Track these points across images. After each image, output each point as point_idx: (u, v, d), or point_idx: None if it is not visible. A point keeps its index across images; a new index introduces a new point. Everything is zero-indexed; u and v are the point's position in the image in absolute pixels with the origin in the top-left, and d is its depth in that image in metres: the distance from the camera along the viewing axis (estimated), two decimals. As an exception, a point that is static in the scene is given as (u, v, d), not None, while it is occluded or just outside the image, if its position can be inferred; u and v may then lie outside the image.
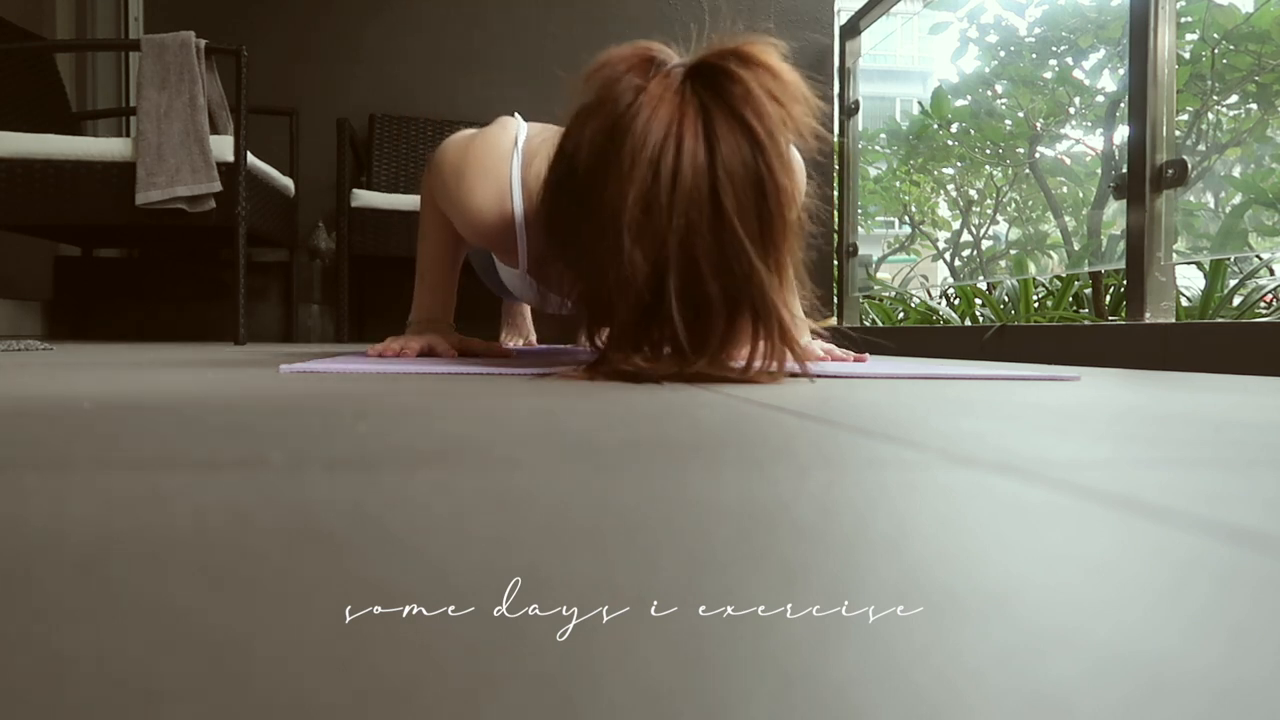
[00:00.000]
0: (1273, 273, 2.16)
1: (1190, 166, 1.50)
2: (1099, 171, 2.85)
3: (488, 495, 0.24)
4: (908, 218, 3.88)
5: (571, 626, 0.13)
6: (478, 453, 0.32)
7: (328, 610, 0.14)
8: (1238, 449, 0.36)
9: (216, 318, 2.56)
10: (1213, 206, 2.21)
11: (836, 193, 2.90)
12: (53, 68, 2.30)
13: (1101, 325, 1.62)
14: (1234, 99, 2.27)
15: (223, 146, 1.90)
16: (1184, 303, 2.05)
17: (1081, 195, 2.99)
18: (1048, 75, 2.96)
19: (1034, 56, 2.99)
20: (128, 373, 0.77)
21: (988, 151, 3.23)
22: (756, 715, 0.10)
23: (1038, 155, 3.06)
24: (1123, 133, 2.34)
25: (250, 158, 1.96)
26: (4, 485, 0.25)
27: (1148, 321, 1.51)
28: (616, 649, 0.13)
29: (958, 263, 3.65)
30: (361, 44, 2.74)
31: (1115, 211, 2.46)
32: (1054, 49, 2.92)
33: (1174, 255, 1.55)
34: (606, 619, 0.14)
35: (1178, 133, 1.69)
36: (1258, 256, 2.15)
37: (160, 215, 1.87)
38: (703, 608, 0.15)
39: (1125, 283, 1.64)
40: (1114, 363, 1.50)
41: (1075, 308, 2.40)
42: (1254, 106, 2.26)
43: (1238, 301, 2.05)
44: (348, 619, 0.14)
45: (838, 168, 2.88)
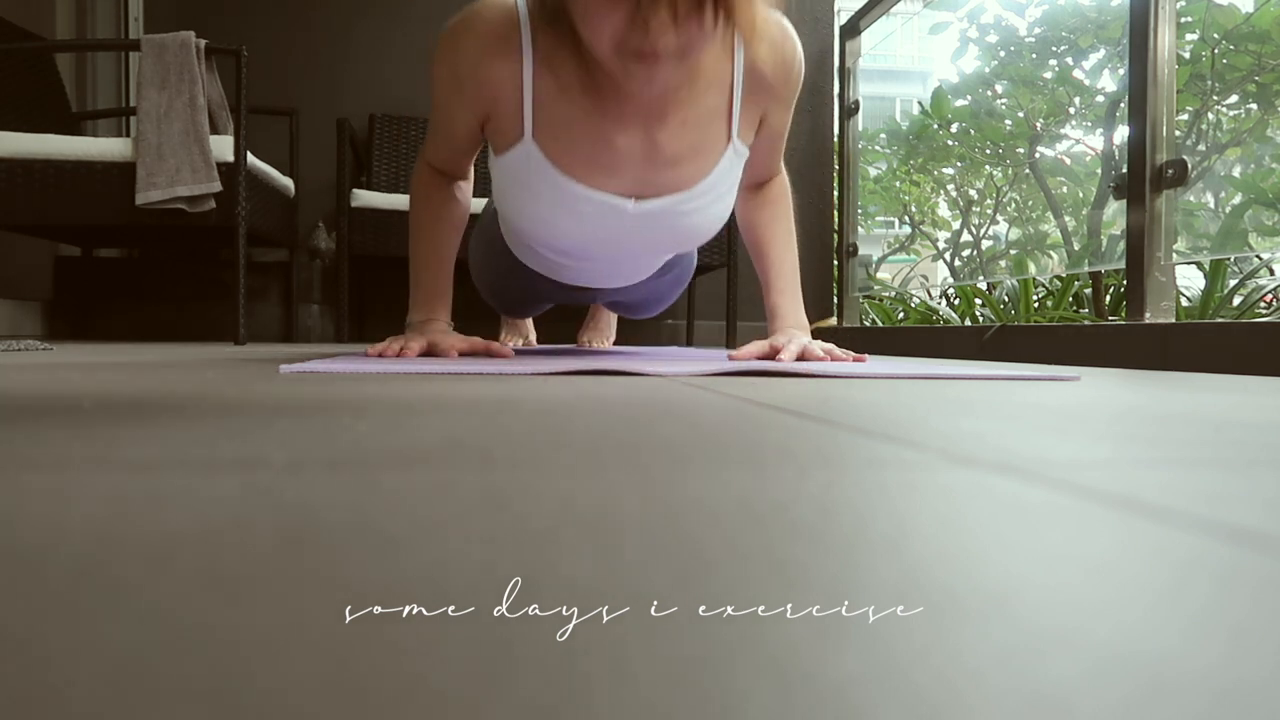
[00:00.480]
0: (1273, 273, 2.16)
1: (1190, 166, 1.50)
2: (1099, 171, 2.85)
3: (488, 495, 0.24)
4: (908, 218, 3.88)
5: (571, 627, 0.14)
6: (478, 453, 0.32)
7: (327, 610, 0.14)
8: (1238, 449, 0.36)
9: (216, 318, 2.56)
10: (1213, 206, 2.21)
11: (836, 193, 2.90)
12: (53, 68, 2.30)
13: (1101, 325, 1.62)
14: (1234, 99, 2.27)
15: (223, 146, 1.90)
16: (1184, 303, 2.05)
17: (1081, 195, 2.99)
18: (1048, 75, 2.96)
19: (1034, 56, 2.99)
20: (128, 373, 0.77)
21: (988, 151, 3.23)
22: (756, 715, 0.10)
23: (1038, 155, 3.06)
24: (1123, 133, 2.34)
25: (250, 158, 1.96)
26: (4, 485, 0.25)
27: (1148, 321, 1.51)
28: (616, 649, 0.13)
29: (958, 263, 3.66)
30: (361, 44, 2.74)
31: (1115, 211, 2.46)
32: (1054, 49, 2.92)
33: (1174, 255, 1.55)
34: (606, 619, 0.14)
35: (1178, 133, 1.69)
36: (1258, 256, 2.15)
37: (160, 215, 1.87)
38: (703, 608, 0.15)
39: (1125, 283, 1.64)
40: (1114, 363, 1.50)
41: (1075, 308, 2.40)
42: (1254, 106, 2.26)
43: (1238, 301, 2.05)
44: (347, 619, 0.14)
45: (838, 168, 2.88)
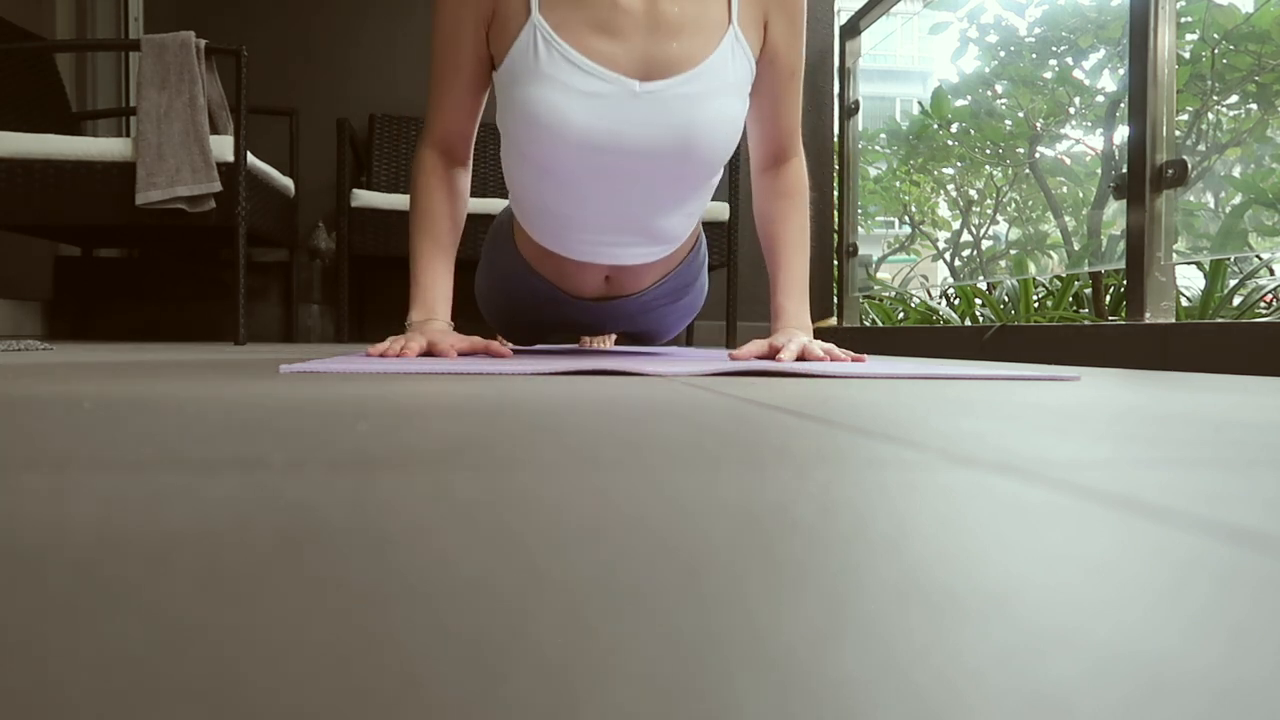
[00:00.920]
0: (1273, 273, 2.16)
1: (1190, 166, 1.50)
2: (1099, 171, 2.85)
3: (488, 495, 0.24)
4: (908, 218, 3.88)
5: (571, 627, 0.14)
6: (478, 452, 0.32)
7: (328, 610, 0.14)
8: (1238, 449, 0.36)
9: (216, 318, 2.56)
10: (1213, 206, 2.21)
11: (836, 193, 2.90)
12: (53, 68, 2.30)
13: (1101, 325, 1.62)
14: (1234, 99, 2.27)
15: (223, 146, 1.90)
16: (1184, 303, 2.05)
17: (1081, 195, 2.99)
18: (1048, 75, 2.96)
19: (1034, 56, 2.99)
20: (127, 372, 0.77)
21: (988, 151, 3.23)
22: (756, 715, 0.10)
23: (1038, 155, 3.06)
24: (1123, 133, 2.34)
25: (250, 158, 1.96)
26: (4, 485, 0.25)
27: (1148, 321, 1.51)
28: (616, 649, 0.13)
29: (958, 263, 3.66)
30: (361, 44, 2.74)
31: (1115, 211, 2.46)
32: (1054, 49, 2.92)
33: (1174, 255, 1.55)
34: (606, 619, 0.14)
35: (1178, 133, 1.69)
36: (1258, 256, 2.15)
37: (160, 215, 1.87)
38: (703, 608, 0.15)
39: (1125, 283, 1.64)
40: (1114, 363, 1.50)
41: (1075, 308, 2.40)
42: (1254, 106, 2.26)
43: (1238, 301, 2.05)
44: (347, 619, 0.14)
45: (838, 168, 2.88)
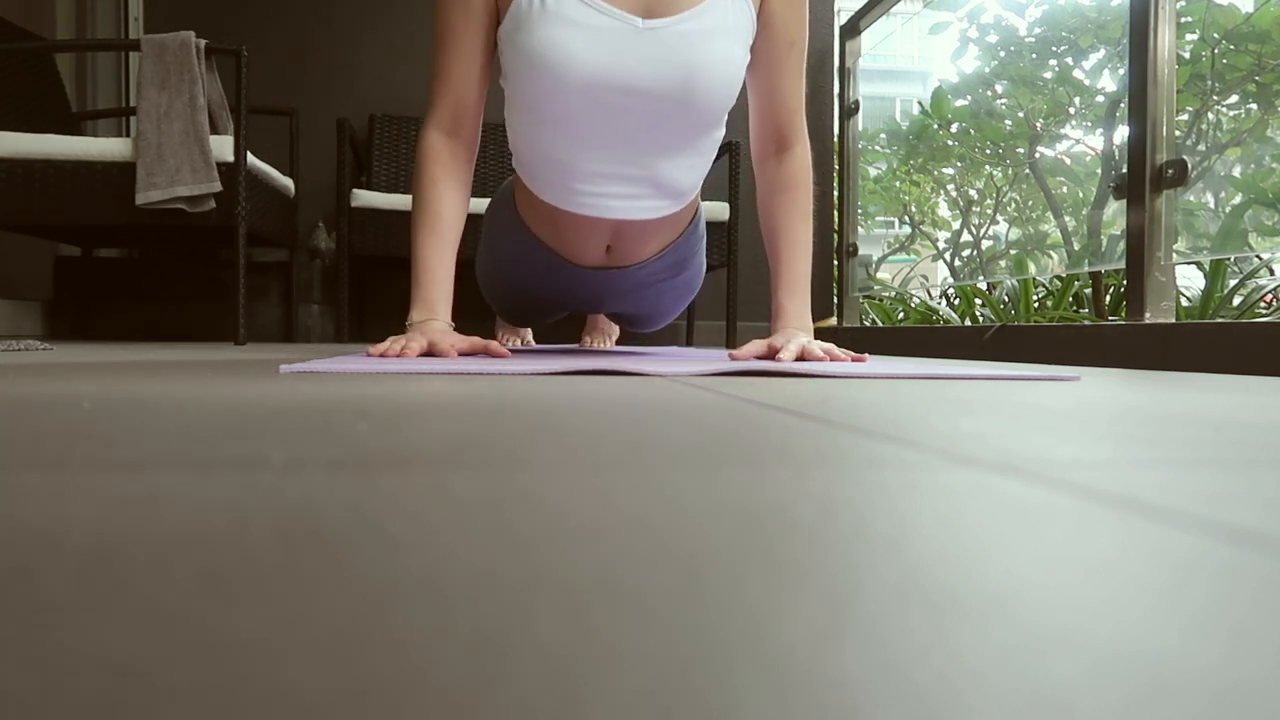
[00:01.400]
0: (1273, 273, 2.16)
1: (1190, 166, 1.50)
2: (1099, 171, 2.85)
3: (487, 495, 0.24)
4: (908, 218, 3.88)
5: (572, 627, 0.14)
6: (478, 453, 0.32)
7: (327, 610, 0.14)
8: (1238, 449, 0.36)
9: (216, 318, 2.56)
10: (1213, 206, 2.21)
11: (836, 193, 2.90)
12: (53, 68, 2.30)
13: (1101, 325, 1.62)
14: (1234, 99, 2.27)
15: (223, 146, 1.90)
16: (1184, 303, 2.05)
17: (1081, 195, 2.99)
18: (1048, 75, 2.96)
19: (1034, 56, 2.99)
20: (127, 373, 0.77)
21: (988, 151, 3.23)
22: (756, 715, 0.10)
23: (1038, 155, 3.06)
24: (1123, 133, 2.34)
25: (250, 158, 1.96)
26: (4, 485, 0.25)
27: (1148, 321, 1.51)
28: (616, 649, 0.13)
29: (958, 263, 3.66)
30: (361, 44, 2.74)
31: (1115, 211, 2.46)
32: (1054, 49, 2.92)
33: (1174, 255, 1.55)
34: (606, 619, 0.14)
35: (1178, 133, 1.69)
36: (1258, 256, 2.15)
37: (160, 215, 1.87)
38: (703, 607, 0.15)
39: (1125, 283, 1.64)
40: (1114, 363, 1.50)
41: (1075, 308, 2.40)
42: (1254, 106, 2.26)
43: (1238, 301, 2.05)
44: (347, 619, 0.14)
45: (838, 168, 2.88)
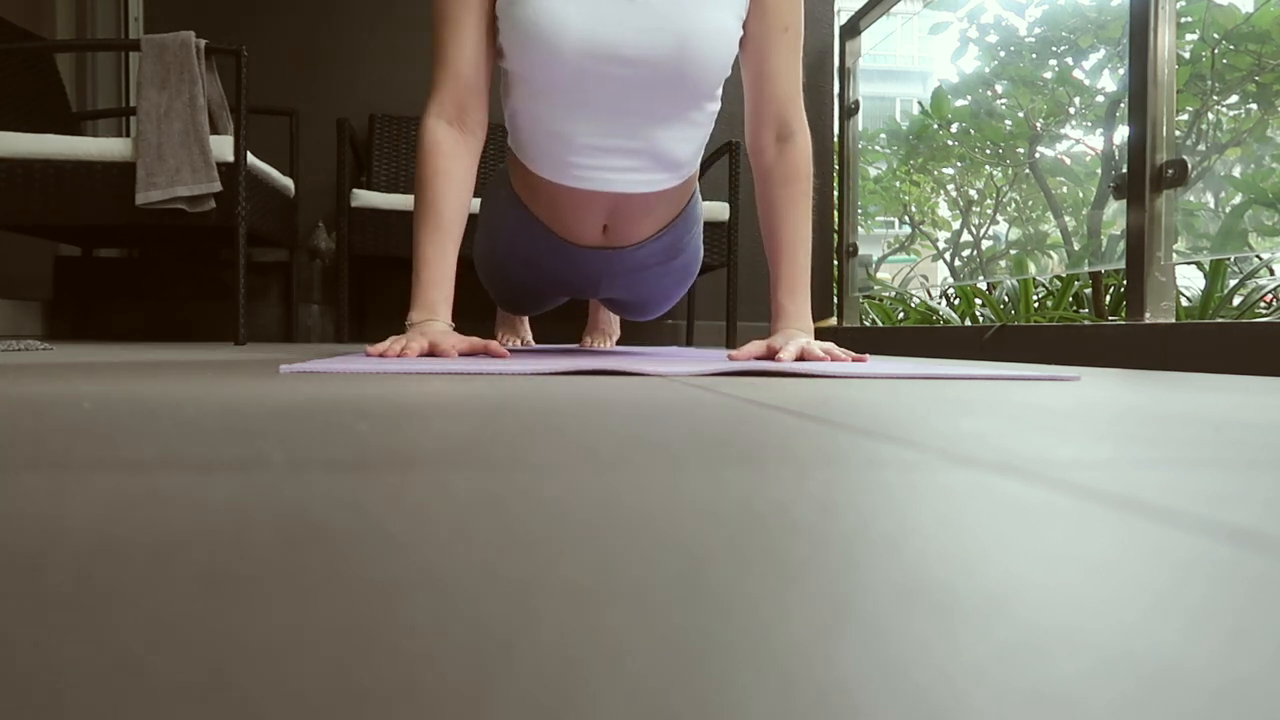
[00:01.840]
0: (1273, 273, 2.16)
1: (1190, 166, 1.50)
2: (1099, 171, 2.85)
3: (487, 495, 0.24)
4: (908, 218, 3.88)
5: (572, 627, 0.13)
6: (478, 453, 0.32)
7: (328, 610, 0.14)
8: (1238, 449, 0.36)
9: (216, 318, 2.56)
10: (1213, 206, 2.21)
11: (836, 193, 2.90)
12: (53, 68, 2.30)
13: (1101, 325, 1.62)
14: (1234, 99, 2.27)
15: (223, 146, 1.90)
16: (1184, 303, 2.05)
17: (1081, 195, 2.99)
18: (1048, 75, 2.96)
19: (1034, 56, 2.99)
20: (127, 373, 0.77)
21: (988, 151, 3.23)
22: (756, 715, 0.10)
23: (1038, 155, 3.06)
24: (1123, 133, 2.34)
25: (250, 158, 1.96)
26: (4, 485, 0.25)
27: (1148, 321, 1.51)
28: (616, 649, 0.13)
29: (958, 263, 3.66)
30: (361, 44, 2.74)
31: (1115, 211, 2.46)
32: (1054, 49, 2.92)
33: (1174, 255, 1.55)
34: (606, 619, 0.14)
35: (1178, 133, 1.69)
36: (1258, 256, 2.15)
37: (160, 215, 1.87)
38: (704, 606, 0.15)
39: (1125, 283, 1.64)
40: (1114, 363, 1.50)
41: (1075, 308, 2.40)
42: (1254, 106, 2.26)
43: (1238, 301, 2.05)
44: (348, 619, 0.14)
45: (838, 168, 2.88)
